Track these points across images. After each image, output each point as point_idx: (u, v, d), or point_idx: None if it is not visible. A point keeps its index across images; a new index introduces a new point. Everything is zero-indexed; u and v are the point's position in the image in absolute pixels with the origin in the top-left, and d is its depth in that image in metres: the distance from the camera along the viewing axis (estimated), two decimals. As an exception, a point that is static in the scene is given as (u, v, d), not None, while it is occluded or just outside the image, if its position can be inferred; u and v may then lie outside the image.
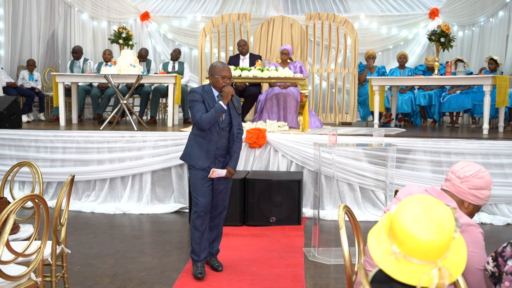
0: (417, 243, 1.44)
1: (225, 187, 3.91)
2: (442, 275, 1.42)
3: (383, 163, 5.19)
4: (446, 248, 1.46)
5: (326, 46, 8.64)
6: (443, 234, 1.44)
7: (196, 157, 3.76)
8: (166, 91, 7.95)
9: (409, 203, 1.52)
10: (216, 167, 3.79)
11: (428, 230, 1.44)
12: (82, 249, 4.54)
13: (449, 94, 7.96)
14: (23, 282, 2.53)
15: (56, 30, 9.52)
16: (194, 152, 3.78)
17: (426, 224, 1.45)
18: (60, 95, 7.28)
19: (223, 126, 3.78)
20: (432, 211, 1.48)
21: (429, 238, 1.43)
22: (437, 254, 1.45)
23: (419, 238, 1.44)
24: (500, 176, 5.55)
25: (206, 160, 3.76)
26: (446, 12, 9.32)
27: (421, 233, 1.44)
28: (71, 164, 6.20)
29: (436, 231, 1.44)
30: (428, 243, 1.43)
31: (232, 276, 3.90)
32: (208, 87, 3.80)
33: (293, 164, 5.88)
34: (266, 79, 6.35)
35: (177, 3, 10.00)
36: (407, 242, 1.46)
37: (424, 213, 1.47)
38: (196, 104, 3.72)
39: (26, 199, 2.36)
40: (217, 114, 3.66)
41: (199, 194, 3.76)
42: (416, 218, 1.47)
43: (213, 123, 3.68)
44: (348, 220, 2.37)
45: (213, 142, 3.75)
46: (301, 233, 5.10)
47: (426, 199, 1.52)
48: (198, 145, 3.77)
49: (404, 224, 1.47)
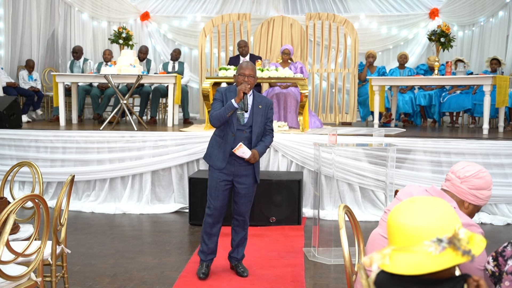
0: (390, 223, 1.48)
1: (246, 192, 3.75)
2: (381, 255, 1.44)
3: (383, 163, 5.19)
4: (410, 240, 1.43)
5: (326, 46, 8.64)
6: (411, 222, 1.43)
7: (215, 158, 3.72)
8: (166, 91, 7.95)
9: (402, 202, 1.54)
10: (237, 170, 3.69)
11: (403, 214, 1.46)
12: (82, 249, 4.54)
13: (449, 94, 7.96)
14: (23, 282, 2.53)
15: (56, 30, 9.52)
16: (213, 152, 3.74)
17: (406, 210, 1.48)
18: (60, 95, 7.28)
19: (239, 127, 3.66)
20: (420, 200, 1.50)
21: (398, 220, 1.46)
22: (398, 239, 1.45)
23: (392, 219, 1.47)
24: (500, 176, 5.55)
25: (223, 161, 3.68)
26: (446, 12, 9.32)
27: (396, 216, 1.47)
28: (71, 164, 6.19)
29: (408, 217, 1.45)
30: (396, 224, 1.46)
31: (232, 276, 3.90)
32: (234, 87, 3.74)
33: (293, 164, 5.88)
34: (266, 79, 6.35)
35: (177, 3, 10.00)
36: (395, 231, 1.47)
37: (411, 203, 1.50)
38: (215, 102, 3.69)
39: (26, 199, 2.36)
40: (226, 111, 3.57)
41: (212, 196, 3.73)
42: (402, 207, 1.50)
43: (222, 120, 3.60)
44: (348, 220, 2.37)
45: (228, 143, 3.67)
46: (301, 233, 5.10)
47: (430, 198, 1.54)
48: (217, 145, 3.74)
49: (391, 216, 1.50)
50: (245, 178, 3.73)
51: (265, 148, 3.75)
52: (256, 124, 3.69)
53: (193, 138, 6.05)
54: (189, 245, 4.80)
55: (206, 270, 3.82)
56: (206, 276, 3.81)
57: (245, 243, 3.96)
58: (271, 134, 3.80)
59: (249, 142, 3.69)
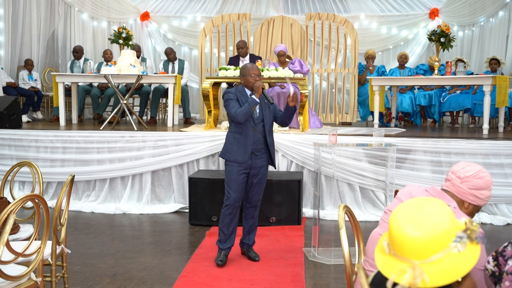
0: (399, 236, 1.43)
1: (259, 181, 4.10)
2: (414, 276, 1.37)
3: (383, 163, 5.19)
4: (431, 251, 1.39)
5: (326, 46, 8.64)
6: (425, 232, 1.39)
7: (235, 153, 4.01)
8: (166, 91, 7.94)
9: (408, 201, 1.52)
10: (254, 162, 4.04)
11: (410, 226, 1.42)
12: (82, 249, 4.54)
13: (449, 94, 7.96)
14: (23, 282, 2.53)
15: (56, 30, 9.52)
16: (233, 148, 4.03)
17: (410, 220, 1.43)
18: (60, 95, 7.28)
19: (257, 121, 4.04)
20: (420, 208, 1.46)
21: (411, 234, 1.41)
22: (419, 253, 1.40)
23: (400, 232, 1.43)
24: (500, 176, 5.54)
25: (244, 154, 4.00)
26: (446, 12, 9.32)
27: (404, 228, 1.42)
28: (71, 164, 6.20)
29: (417, 227, 1.40)
30: (409, 238, 1.41)
31: (232, 276, 3.90)
32: (241, 88, 4.12)
33: (293, 164, 5.88)
34: (266, 79, 6.35)
35: (177, 3, 10.00)
36: (393, 236, 1.45)
37: (413, 209, 1.46)
38: (231, 101, 4.00)
39: (26, 199, 2.36)
40: (250, 107, 3.91)
41: (232, 188, 4.02)
42: (403, 213, 1.46)
43: (248, 115, 3.94)
44: (348, 220, 2.37)
45: (249, 136, 4.01)
46: (301, 233, 5.10)
47: (424, 199, 1.51)
48: (236, 141, 4.03)
49: (392, 219, 1.47)
50: (261, 169, 4.10)
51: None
52: (266, 117, 4.09)
53: (193, 138, 6.05)
54: (189, 245, 4.80)
55: (224, 258, 4.12)
56: (224, 263, 4.10)
57: (255, 230, 4.30)
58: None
59: (263, 133, 4.07)
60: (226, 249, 4.14)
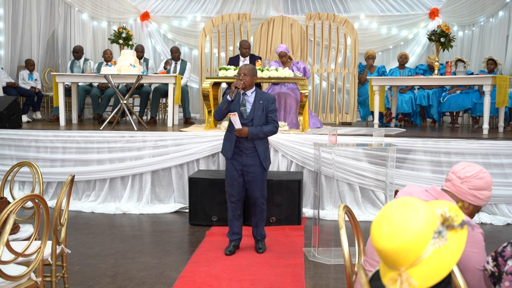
0: (377, 250, 1.43)
1: (254, 179, 4.25)
2: (401, 282, 1.37)
3: (383, 163, 5.19)
4: (412, 256, 1.37)
5: (326, 46, 8.64)
6: (397, 241, 1.36)
7: (225, 149, 4.32)
8: (166, 91, 7.94)
9: (380, 212, 1.48)
10: (244, 160, 4.22)
11: (382, 238, 1.40)
12: (82, 249, 4.54)
13: (449, 94, 7.96)
14: (23, 282, 2.53)
15: (56, 30, 9.52)
16: (226, 144, 4.32)
17: (380, 232, 1.41)
18: (60, 95, 7.28)
19: (246, 120, 4.20)
20: (389, 218, 1.42)
21: (384, 246, 1.39)
22: (400, 261, 1.38)
23: (376, 246, 1.42)
24: (500, 176, 5.55)
25: (229, 151, 4.26)
26: (446, 12, 9.32)
27: (377, 241, 1.41)
28: (71, 164, 6.20)
29: (388, 238, 1.38)
30: (385, 250, 1.39)
31: (232, 276, 3.90)
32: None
33: (293, 164, 5.88)
34: (266, 79, 6.35)
35: (177, 3, 10.00)
36: (395, 255, 1.41)
37: (383, 220, 1.43)
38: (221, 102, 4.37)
39: (26, 199, 2.36)
40: (222, 105, 4.22)
41: (227, 183, 4.35)
42: (375, 226, 1.45)
43: (220, 113, 4.26)
44: (348, 220, 2.37)
45: (233, 134, 4.22)
46: (301, 233, 5.10)
47: (395, 205, 1.46)
48: (228, 138, 4.32)
49: (371, 233, 1.46)
50: (252, 167, 4.24)
51: (260, 131, 4.19)
52: (257, 118, 4.21)
53: (193, 138, 6.06)
54: (189, 245, 4.80)
55: (232, 249, 4.39)
56: (231, 253, 4.36)
57: (262, 224, 4.47)
58: (272, 123, 4.26)
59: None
60: (234, 240, 4.41)
